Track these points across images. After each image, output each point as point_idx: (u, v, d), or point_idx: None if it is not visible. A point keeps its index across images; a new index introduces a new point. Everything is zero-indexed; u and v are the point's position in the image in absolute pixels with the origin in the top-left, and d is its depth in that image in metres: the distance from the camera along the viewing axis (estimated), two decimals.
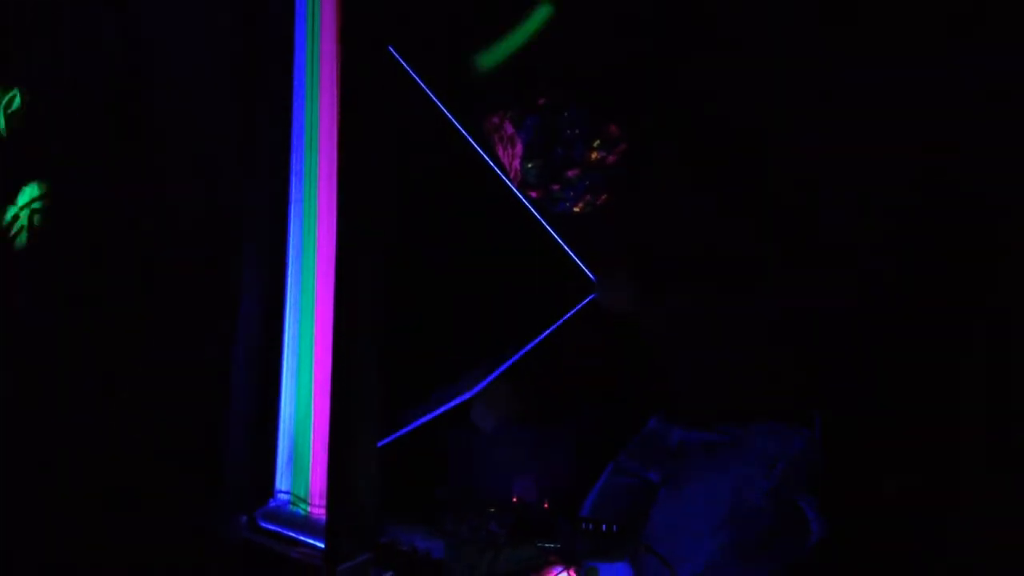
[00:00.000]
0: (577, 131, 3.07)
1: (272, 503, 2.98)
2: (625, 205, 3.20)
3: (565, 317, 3.15)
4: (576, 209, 3.16)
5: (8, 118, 3.87)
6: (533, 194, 3.16)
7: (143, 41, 3.70)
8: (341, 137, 2.83)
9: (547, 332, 3.14)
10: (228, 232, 3.18)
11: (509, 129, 3.11)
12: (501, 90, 3.18)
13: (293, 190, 3.06)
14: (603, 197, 3.16)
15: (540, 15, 3.24)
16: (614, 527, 2.67)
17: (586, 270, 3.13)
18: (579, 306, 3.13)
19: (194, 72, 3.63)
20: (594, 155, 3.08)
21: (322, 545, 2.65)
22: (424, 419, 3.04)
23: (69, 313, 3.55)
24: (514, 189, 3.17)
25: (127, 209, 3.63)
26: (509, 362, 3.12)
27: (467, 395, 3.12)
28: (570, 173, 3.09)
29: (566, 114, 3.08)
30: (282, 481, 2.98)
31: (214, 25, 3.58)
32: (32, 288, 3.62)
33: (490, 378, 3.12)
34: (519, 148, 3.10)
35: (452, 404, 3.09)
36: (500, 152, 3.18)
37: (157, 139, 3.67)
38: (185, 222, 3.59)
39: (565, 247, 3.16)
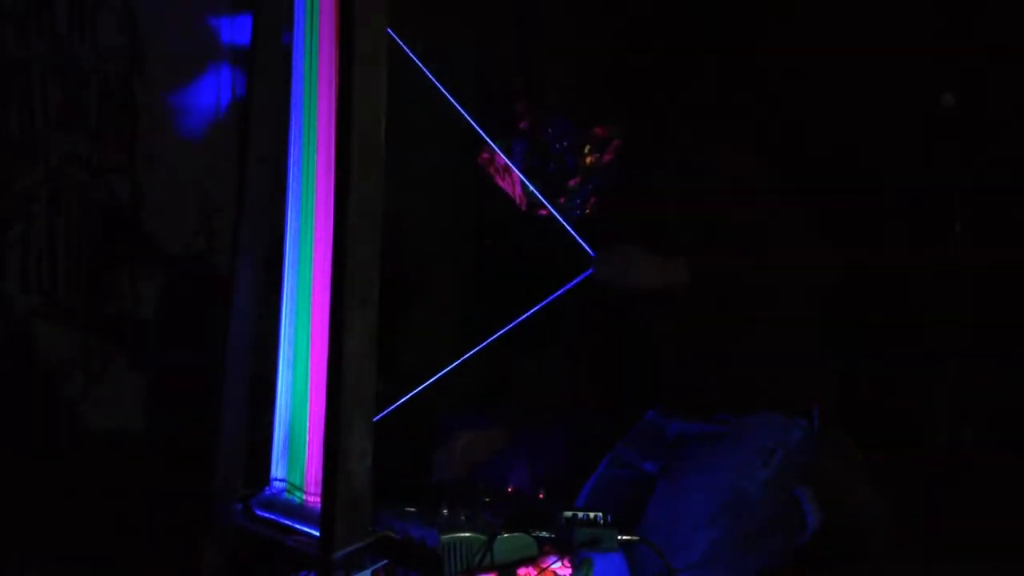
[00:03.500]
0: (565, 143, 3.06)
1: (267, 491, 2.96)
2: (623, 180, 3.18)
3: (560, 292, 3.12)
4: (587, 212, 3.16)
5: None
6: (542, 213, 3.15)
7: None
8: (339, 115, 2.80)
9: (540, 306, 3.12)
10: (222, 216, 3.16)
11: (501, 160, 3.11)
12: (482, 124, 3.13)
13: (291, 176, 3.02)
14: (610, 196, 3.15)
15: None
16: (608, 518, 2.66)
17: (583, 244, 3.10)
18: (576, 280, 3.10)
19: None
20: (588, 160, 3.08)
21: (317, 533, 2.64)
22: (416, 391, 3.03)
23: (60, 297, 3.54)
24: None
25: (122, 195, 3.61)
26: (499, 334, 3.10)
27: (454, 365, 3.10)
28: (571, 183, 3.09)
29: (550, 130, 3.07)
30: (277, 469, 2.96)
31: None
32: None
33: (479, 348, 3.11)
34: (516, 175, 3.09)
35: (440, 375, 3.07)
36: (500, 183, 3.18)
37: (152, 123, 3.65)
38: (178, 206, 3.58)
39: (562, 220, 3.13)
